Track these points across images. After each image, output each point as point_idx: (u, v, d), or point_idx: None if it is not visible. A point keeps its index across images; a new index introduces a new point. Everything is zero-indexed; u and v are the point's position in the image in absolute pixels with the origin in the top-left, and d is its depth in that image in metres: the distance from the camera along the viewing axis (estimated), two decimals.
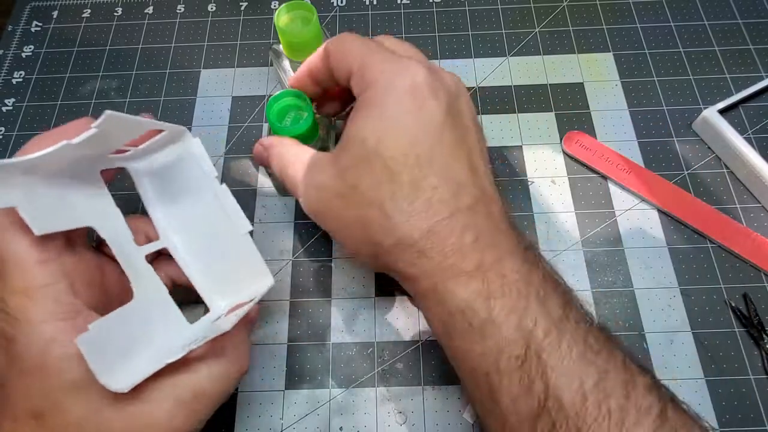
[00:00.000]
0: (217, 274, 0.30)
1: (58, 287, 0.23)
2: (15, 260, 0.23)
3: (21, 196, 0.23)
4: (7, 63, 0.46)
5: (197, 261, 0.30)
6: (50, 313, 0.23)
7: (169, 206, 0.30)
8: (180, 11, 0.48)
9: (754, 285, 0.35)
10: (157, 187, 0.30)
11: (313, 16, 0.36)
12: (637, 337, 0.34)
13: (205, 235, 0.30)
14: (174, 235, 0.30)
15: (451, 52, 0.45)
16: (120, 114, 0.23)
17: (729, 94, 0.41)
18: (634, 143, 0.40)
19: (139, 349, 0.25)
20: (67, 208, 0.25)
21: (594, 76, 0.43)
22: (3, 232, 0.23)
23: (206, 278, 0.30)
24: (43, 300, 0.23)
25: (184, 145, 0.29)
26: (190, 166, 0.29)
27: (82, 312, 0.24)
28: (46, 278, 0.23)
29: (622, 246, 0.36)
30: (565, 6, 0.47)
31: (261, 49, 0.46)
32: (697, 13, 0.46)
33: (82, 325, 0.23)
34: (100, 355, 0.22)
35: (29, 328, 0.22)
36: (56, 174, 0.25)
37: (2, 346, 0.23)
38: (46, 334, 0.22)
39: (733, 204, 0.37)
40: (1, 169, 0.22)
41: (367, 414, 0.32)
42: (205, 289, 0.30)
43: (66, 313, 0.23)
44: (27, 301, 0.22)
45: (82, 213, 0.26)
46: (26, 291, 0.23)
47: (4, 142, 0.42)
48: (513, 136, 0.41)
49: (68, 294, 0.23)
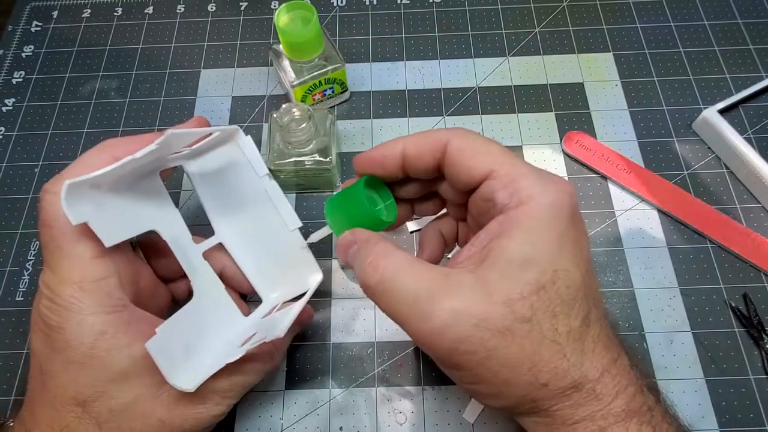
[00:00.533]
0: (269, 268, 0.32)
1: (109, 281, 0.24)
2: (71, 254, 0.24)
3: (91, 210, 0.23)
4: (7, 63, 0.46)
5: (249, 255, 0.32)
6: (101, 305, 0.23)
7: (223, 202, 0.31)
8: (180, 11, 0.48)
9: (754, 285, 0.35)
10: (211, 184, 0.31)
11: (313, 16, 0.36)
12: (637, 337, 0.34)
13: (256, 231, 0.31)
14: (227, 229, 0.31)
15: (451, 52, 0.45)
16: (181, 131, 0.24)
17: (729, 94, 0.41)
18: (634, 143, 0.40)
19: (200, 346, 0.26)
20: (132, 215, 0.27)
21: (594, 76, 0.43)
22: (62, 228, 0.24)
23: (258, 272, 0.32)
24: (96, 293, 0.24)
25: (237, 144, 0.30)
26: (242, 163, 0.30)
27: (128, 306, 0.25)
28: (100, 272, 0.24)
29: (622, 246, 0.36)
30: (565, 6, 0.47)
31: (261, 49, 0.46)
32: (697, 13, 0.46)
33: (128, 317, 0.24)
34: (166, 356, 0.23)
35: (80, 319, 0.23)
36: (120, 183, 0.26)
37: (47, 335, 0.24)
38: (96, 326, 0.23)
39: (733, 204, 0.37)
40: (73, 186, 0.22)
41: (367, 414, 0.32)
42: (257, 281, 0.32)
43: (115, 306, 0.24)
44: (80, 293, 0.23)
45: (145, 218, 0.27)
46: (80, 283, 0.23)
47: (4, 142, 0.42)
48: (513, 136, 0.41)
49: (118, 288, 0.24)
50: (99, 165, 0.24)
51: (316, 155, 0.35)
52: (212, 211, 0.31)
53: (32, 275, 0.37)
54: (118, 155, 0.25)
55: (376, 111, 0.42)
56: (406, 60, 0.45)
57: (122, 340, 0.23)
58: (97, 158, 0.25)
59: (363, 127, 0.42)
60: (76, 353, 0.23)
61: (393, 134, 0.41)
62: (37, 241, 0.38)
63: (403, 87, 0.43)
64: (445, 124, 0.41)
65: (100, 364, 0.23)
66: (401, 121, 0.42)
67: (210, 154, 0.30)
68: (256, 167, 0.30)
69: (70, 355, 0.23)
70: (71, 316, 0.23)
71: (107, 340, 0.23)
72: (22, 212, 0.39)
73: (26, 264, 0.37)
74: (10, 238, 0.38)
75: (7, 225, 0.39)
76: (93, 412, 0.23)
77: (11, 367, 0.34)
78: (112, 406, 0.23)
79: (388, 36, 0.46)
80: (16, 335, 0.35)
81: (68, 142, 0.42)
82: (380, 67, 0.44)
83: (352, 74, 0.44)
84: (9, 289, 0.36)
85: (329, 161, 0.35)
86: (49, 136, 0.42)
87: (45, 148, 0.42)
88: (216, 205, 0.31)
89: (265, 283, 0.32)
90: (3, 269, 0.37)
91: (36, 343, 0.24)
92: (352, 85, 0.43)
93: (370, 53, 0.45)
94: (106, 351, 0.23)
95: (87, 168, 0.24)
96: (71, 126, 0.43)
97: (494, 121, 0.41)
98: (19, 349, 0.34)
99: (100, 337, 0.23)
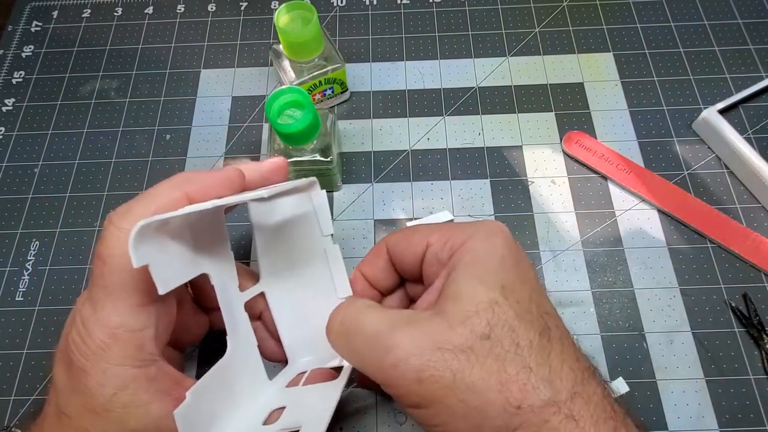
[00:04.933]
0: (305, 330, 0.29)
1: (145, 333, 0.23)
2: (118, 298, 0.22)
3: (153, 251, 0.21)
4: (7, 63, 0.46)
5: (289, 311, 0.29)
6: (130, 358, 0.22)
7: (277, 250, 0.29)
8: (180, 11, 0.48)
9: (754, 285, 0.35)
10: (271, 229, 0.29)
11: (313, 16, 0.36)
12: (637, 337, 0.34)
13: (303, 289, 0.29)
14: (273, 280, 0.29)
15: (451, 52, 0.45)
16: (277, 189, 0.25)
17: (729, 94, 0.41)
18: (634, 143, 0.40)
19: (225, 415, 0.24)
20: (190, 258, 0.24)
21: (594, 76, 0.43)
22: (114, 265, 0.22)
23: (294, 333, 0.29)
24: (128, 344, 0.22)
25: (309, 195, 0.29)
26: (309, 217, 0.29)
27: (157, 362, 0.23)
28: (139, 323, 0.23)
29: (622, 246, 0.36)
30: (565, 6, 0.47)
31: (261, 49, 0.46)
32: (697, 13, 0.46)
33: (154, 375, 0.23)
34: (191, 426, 0.22)
35: (105, 368, 0.22)
36: (185, 226, 0.24)
37: (69, 370, 0.23)
38: (119, 379, 0.22)
39: (733, 204, 0.37)
40: (145, 228, 0.20)
41: (367, 414, 0.32)
42: (290, 343, 0.29)
43: (143, 361, 0.23)
44: (112, 340, 0.22)
45: (202, 261, 0.25)
46: (116, 330, 0.22)
47: (4, 142, 0.42)
48: (513, 136, 0.41)
49: (151, 342, 0.23)
50: (171, 202, 0.23)
51: (317, 155, 0.35)
52: (263, 256, 0.29)
53: (32, 275, 0.37)
54: (192, 193, 0.23)
55: (376, 111, 0.42)
56: (406, 60, 0.45)
57: (142, 397, 0.22)
58: (169, 195, 0.23)
59: (363, 127, 0.42)
60: (94, 402, 0.22)
61: (393, 134, 0.41)
62: (36, 241, 0.38)
63: (403, 87, 0.43)
64: (445, 123, 0.41)
65: (116, 419, 0.22)
66: (401, 121, 0.42)
67: (280, 200, 0.28)
68: (322, 225, 0.29)
69: (88, 402, 0.22)
70: (97, 363, 0.22)
71: (127, 396, 0.22)
72: (22, 212, 0.39)
73: (26, 264, 0.37)
74: (10, 238, 0.38)
75: (7, 225, 0.39)
76: None
77: (11, 367, 0.34)
78: None
79: (388, 36, 0.46)
80: (16, 335, 0.35)
81: (68, 142, 0.42)
82: (380, 67, 0.44)
83: (352, 74, 0.44)
84: (9, 289, 0.36)
85: (330, 161, 0.35)
86: (49, 136, 0.42)
87: (45, 148, 0.42)
88: (269, 252, 0.29)
89: (297, 344, 0.29)
90: (3, 269, 0.37)
91: (58, 374, 0.24)
92: (352, 85, 0.43)
93: (370, 53, 0.45)
94: (123, 407, 0.22)
95: (159, 204, 0.22)
96: (71, 126, 0.43)
97: (494, 121, 0.41)
98: (19, 349, 0.34)
99: (120, 392, 0.22)
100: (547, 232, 0.37)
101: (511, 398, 0.20)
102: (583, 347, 0.34)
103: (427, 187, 0.39)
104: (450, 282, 0.23)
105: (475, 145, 0.40)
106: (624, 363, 0.33)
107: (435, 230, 0.26)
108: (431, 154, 0.40)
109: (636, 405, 0.32)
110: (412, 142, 0.41)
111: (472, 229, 0.24)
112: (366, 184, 0.39)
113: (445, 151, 0.40)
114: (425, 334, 0.21)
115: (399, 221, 0.38)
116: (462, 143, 0.41)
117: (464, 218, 0.38)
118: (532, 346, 0.21)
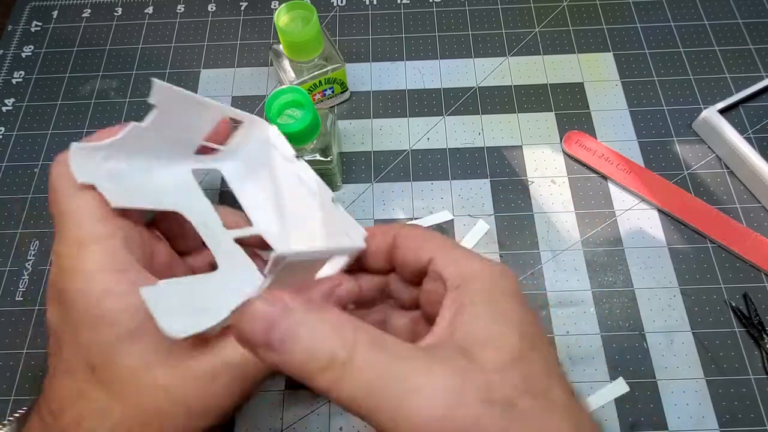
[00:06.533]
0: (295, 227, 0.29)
1: (113, 242, 0.23)
2: (75, 214, 0.23)
3: (102, 176, 0.24)
4: (7, 63, 0.46)
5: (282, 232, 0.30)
6: (105, 263, 0.23)
7: (256, 192, 0.30)
8: (180, 11, 0.48)
9: (754, 285, 0.35)
10: (242, 177, 0.30)
11: (313, 16, 0.36)
12: (637, 337, 0.34)
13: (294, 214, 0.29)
14: (264, 218, 0.29)
15: (451, 52, 0.45)
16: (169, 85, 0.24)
17: (729, 94, 0.41)
18: (634, 143, 0.40)
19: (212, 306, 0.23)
20: (151, 191, 0.26)
21: (594, 76, 0.43)
22: (66, 190, 0.24)
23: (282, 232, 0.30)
24: (99, 251, 0.23)
25: (263, 134, 0.29)
26: (270, 152, 0.29)
27: (135, 267, 0.23)
28: (103, 232, 0.23)
29: (622, 246, 0.36)
30: (565, 6, 0.47)
31: (261, 49, 0.46)
32: (697, 13, 0.46)
33: (134, 278, 0.23)
34: (164, 307, 0.21)
35: (83, 278, 0.22)
36: (141, 159, 0.26)
37: (58, 302, 0.23)
38: (101, 284, 0.22)
39: (733, 204, 0.37)
40: (82, 150, 0.24)
41: None
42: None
43: (121, 264, 0.23)
44: (82, 252, 0.23)
45: (167, 198, 0.26)
46: (82, 242, 0.23)
47: (4, 142, 0.42)
48: (513, 136, 0.41)
49: (123, 250, 0.23)
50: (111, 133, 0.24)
51: (317, 155, 0.35)
52: (250, 207, 0.29)
53: (32, 275, 0.37)
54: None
55: (376, 111, 0.42)
56: (406, 60, 0.45)
57: (128, 299, 0.22)
58: (111, 131, 0.25)
59: (363, 127, 0.42)
60: (84, 315, 0.22)
61: (393, 134, 0.41)
62: (36, 241, 0.38)
63: (403, 87, 0.43)
64: (445, 123, 0.41)
65: (107, 323, 0.22)
66: (401, 121, 0.42)
67: (242, 150, 0.30)
68: (286, 153, 0.29)
69: (79, 317, 0.22)
70: (75, 275, 0.22)
71: (113, 299, 0.22)
72: (22, 212, 0.39)
73: (26, 264, 0.37)
74: (10, 238, 0.38)
75: (7, 225, 0.39)
76: (103, 378, 0.22)
77: (11, 367, 0.34)
78: (120, 373, 0.22)
79: (388, 36, 0.46)
80: (16, 335, 0.35)
81: (68, 142, 0.41)
82: (380, 67, 0.44)
83: (352, 74, 0.44)
84: (9, 289, 0.36)
85: (330, 161, 0.35)
86: (49, 136, 0.42)
87: (45, 148, 0.42)
88: (249, 196, 0.30)
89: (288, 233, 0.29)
90: (3, 269, 0.37)
91: (51, 315, 0.24)
92: (352, 85, 0.43)
93: (370, 53, 0.45)
94: (111, 310, 0.22)
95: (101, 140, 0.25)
96: (71, 126, 0.43)
97: (494, 121, 0.41)
98: (19, 349, 0.34)
99: (106, 296, 0.22)
100: (547, 231, 0.37)
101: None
102: (583, 347, 0.34)
103: (427, 187, 0.39)
104: (469, 318, 0.20)
105: (475, 145, 0.40)
106: (624, 363, 0.33)
107: (442, 243, 0.24)
108: (431, 153, 0.40)
109: (636, 405, 0.32)
110: (412, 141, 0.41)
111: (485, 264, 0.23)
112: (366, 184, 0.39)
113: (445, 151, 0.40)
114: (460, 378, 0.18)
115: (399, 221, 0.38)
116: (462, 143, 0.41)
117: (464, 218, 0.38)
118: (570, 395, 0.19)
